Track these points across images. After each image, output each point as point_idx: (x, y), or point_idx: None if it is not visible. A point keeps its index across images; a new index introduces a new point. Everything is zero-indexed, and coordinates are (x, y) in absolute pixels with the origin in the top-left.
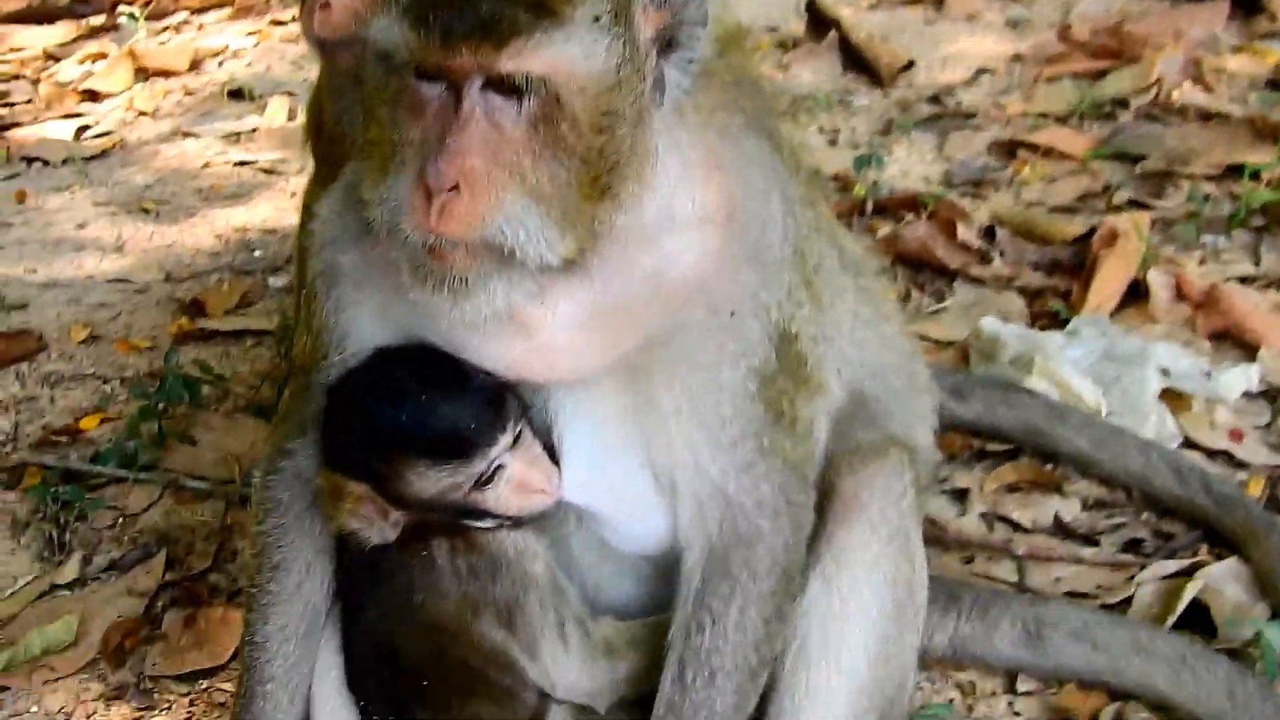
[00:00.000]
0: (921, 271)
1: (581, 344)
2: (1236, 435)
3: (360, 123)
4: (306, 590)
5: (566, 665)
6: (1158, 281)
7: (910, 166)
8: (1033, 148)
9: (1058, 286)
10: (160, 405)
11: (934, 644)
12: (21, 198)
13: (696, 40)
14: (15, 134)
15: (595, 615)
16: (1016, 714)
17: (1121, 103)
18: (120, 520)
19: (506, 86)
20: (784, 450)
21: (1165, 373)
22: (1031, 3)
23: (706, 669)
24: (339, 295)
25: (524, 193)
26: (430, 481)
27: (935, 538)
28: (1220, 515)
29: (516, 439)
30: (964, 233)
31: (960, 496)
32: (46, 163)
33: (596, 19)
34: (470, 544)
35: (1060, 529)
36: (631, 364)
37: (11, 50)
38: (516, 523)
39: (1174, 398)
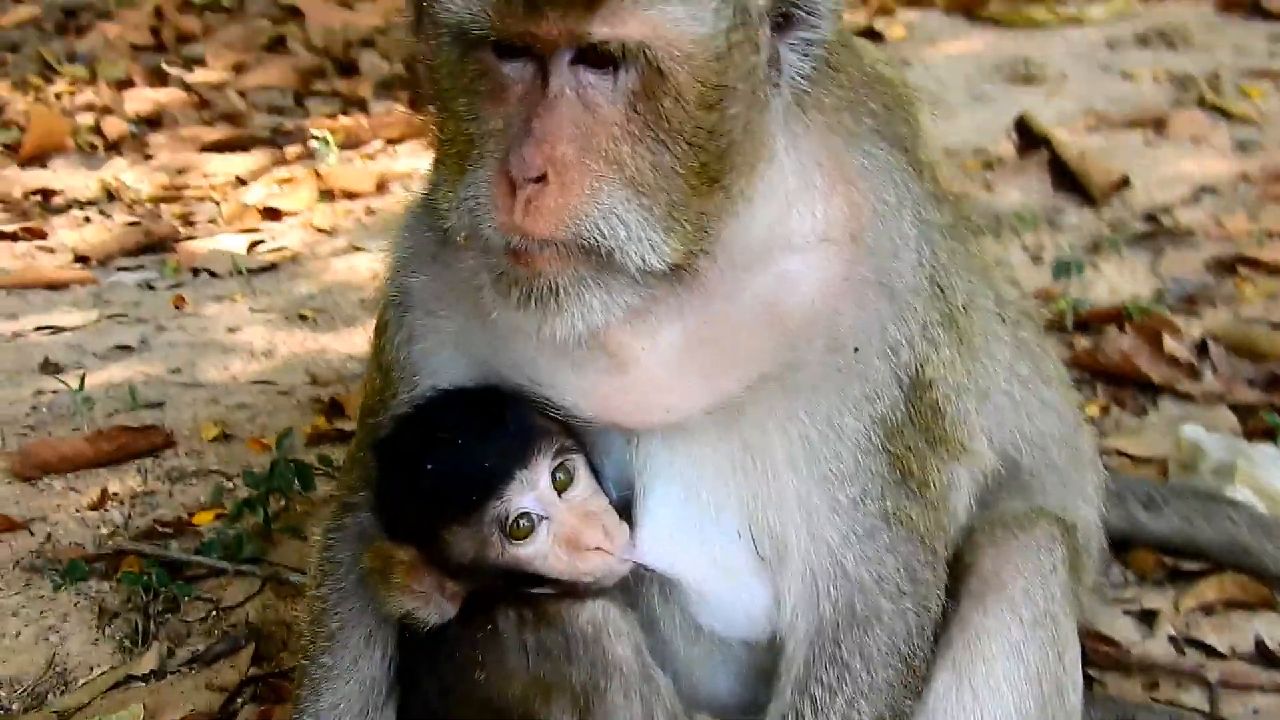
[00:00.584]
0: (1124, 387)
1: (680, 380)
2: None
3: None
4: (364, 665)
5: None
6: None
7: (1120, 284)
8: (1255, 264)
9: (1275, 403)
10: (268, 493)
11: None
12: (180, 303)
13: (817, 18)
14: (187, 245)
15: (691, 711)
16: None
17: None
18: (214, 613)
19: (600, 58)
20: (911, 517)
21: None
22: (1264, 125)
23: None
24: (410, 324)
25: (622, 183)
26: (463, 539)
27: (1115, 660)
28: None
29: (563, 486)
30: (1172, 346)
31: (1147, 619)
32: (214, 274)
33: None
34: (541, 616)
35: (1262, 655)
36: (737, 405)
37: (204, 176)
38: (577, 590)
39: None
